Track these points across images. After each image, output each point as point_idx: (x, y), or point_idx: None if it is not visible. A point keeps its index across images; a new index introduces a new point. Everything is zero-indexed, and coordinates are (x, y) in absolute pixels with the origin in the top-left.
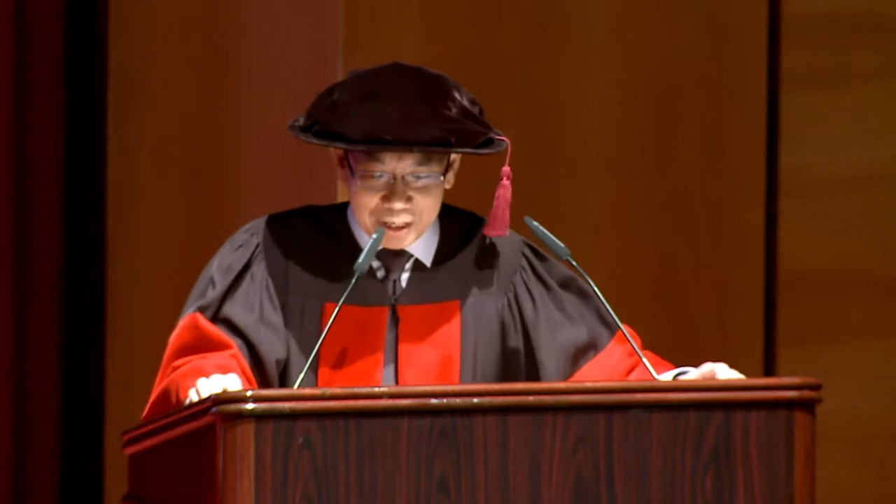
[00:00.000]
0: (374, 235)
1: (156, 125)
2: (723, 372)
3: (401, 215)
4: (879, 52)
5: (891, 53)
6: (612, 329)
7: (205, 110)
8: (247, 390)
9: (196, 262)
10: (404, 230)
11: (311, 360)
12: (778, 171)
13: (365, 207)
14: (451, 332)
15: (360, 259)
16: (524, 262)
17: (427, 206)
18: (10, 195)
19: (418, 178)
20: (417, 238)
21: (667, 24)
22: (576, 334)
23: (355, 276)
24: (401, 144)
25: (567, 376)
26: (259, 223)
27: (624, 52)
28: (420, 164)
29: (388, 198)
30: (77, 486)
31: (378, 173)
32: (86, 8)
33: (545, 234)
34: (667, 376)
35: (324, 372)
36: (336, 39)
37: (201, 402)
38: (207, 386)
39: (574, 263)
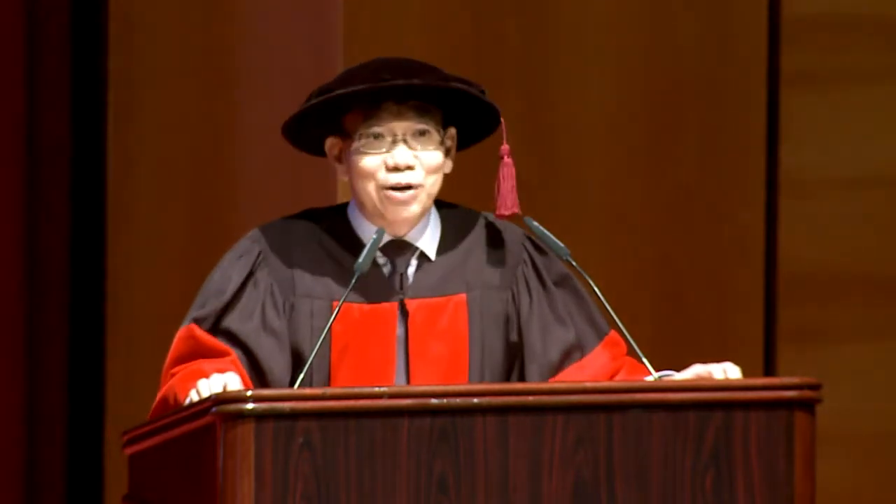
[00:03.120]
0: (374, 236)
1: (156, 126)
2: (732, 370)
3: (406, 174)
4: (879, 52)
5: (891, 53)
6: (600, 333)
7: (205, 111)
8: (247, 390)
9: (196, 262)
10: (410, 193)
11: (324, 360)
12: (778, 171)
13: (369, 176)
14: (458, 326)
15: (361, 259)
16: (525, 256)
17: (431, 168)
18: (21, 200)
19: (419, 135)
20: (422, 212)
21: (667, 24)
22: (564, 335)
23: (355, 276)
24: (400, 83)
25: (551, 377)
26: (261, 230)
27: (624, 52)
28: (420, 123)
29: (391, 157)
30: (77, 486)
31: (377, 131)
32: (87, 8)
33: (545, 234)
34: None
35: (337, 370)
36: (336, 40)
37: (201, 402)
38: (207, 385)
39: (574, 263)
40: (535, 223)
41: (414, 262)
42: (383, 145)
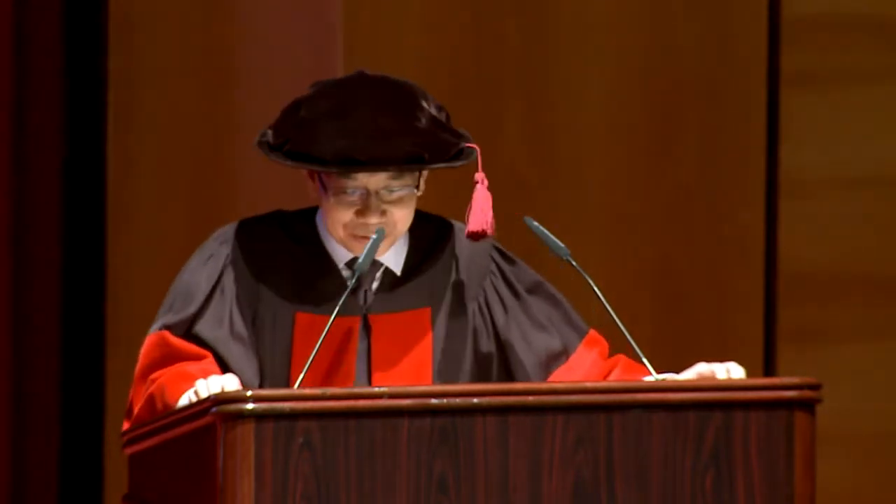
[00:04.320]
0: (374, 235)
1: (156, 126)
2: (735, 370)
3: (377, 225)
4: (879, 52)
5: (891, 53)
6: (580, 332)
7: (205, 111)
8: (247, 390)
9: None
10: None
11: (283, 372)
12: (778, 171)
13: (339, 222)
14: (422, 340)
15: (361, 259)
16: (493, 267)
17: (401, 217)
18: (10, 197)
19: (392, 191)
20: (390, 247)
21: (667, 24)
22: (547, 341)
23: (355, 276)
24: (374, 164)
25: (540, 381)
26: (228, 231)
27: (624, 52)
28: (393, 178)
29: (362, 212)
30: (77, 486)
31: (351, 189)
32: (86, 8)
33: (545, 234)
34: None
35: (297, 382)
36: (336, 40)
37: (201, 402)
38: (206, 386)
39: (574, 263)
40: (535, 223)
41: (379, 278)
42: (356, 200)
